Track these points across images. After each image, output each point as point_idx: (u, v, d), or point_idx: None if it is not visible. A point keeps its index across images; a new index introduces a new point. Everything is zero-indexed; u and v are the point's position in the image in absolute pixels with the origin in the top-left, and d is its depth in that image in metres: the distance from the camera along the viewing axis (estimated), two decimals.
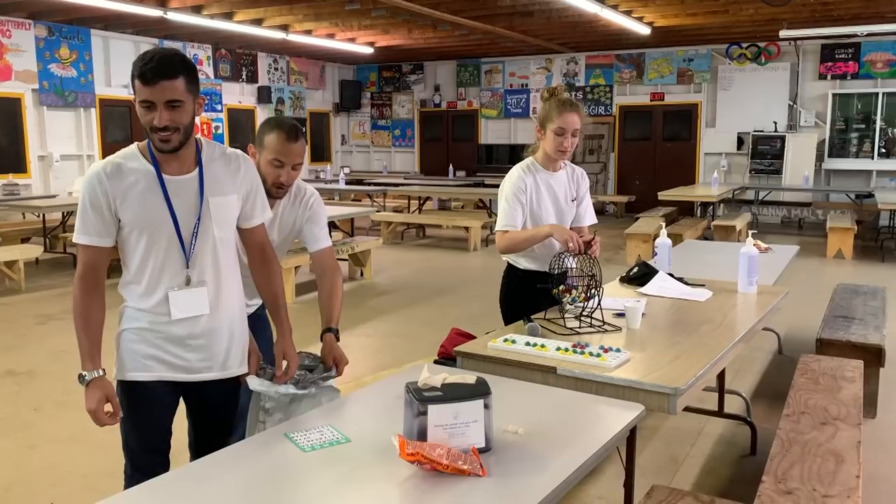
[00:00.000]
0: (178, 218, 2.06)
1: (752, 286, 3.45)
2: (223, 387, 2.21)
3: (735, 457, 3.62)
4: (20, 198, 9.59)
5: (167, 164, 2.06)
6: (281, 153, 2.41)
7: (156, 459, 2.17)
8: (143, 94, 1.95)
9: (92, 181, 2.02)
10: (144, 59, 1.95)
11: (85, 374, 2.05)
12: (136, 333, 2.10)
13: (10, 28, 10.57)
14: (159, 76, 1.93)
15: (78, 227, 2.06)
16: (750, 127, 12.86)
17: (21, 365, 5.08)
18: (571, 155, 3.17)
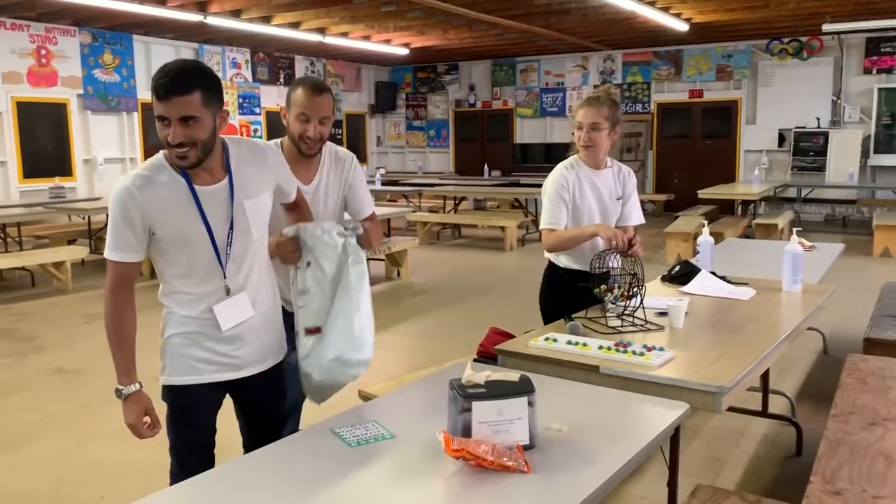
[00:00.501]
0: (213, 229, 2.04)
1: (796, 285, 3.39)
2: (268, 378, 2.25)
3: (780, 457, 3.56)
4: (66, 200, 9.83)
5: (196, 175, 2.03)
6: (306, 106, 2.45)
7: (202, 458, 2.21)
8: (158, 110, 1.91)
9: (123, 197, 1.97)
10: (160, 72, 1.91)
11: (122, 389, 2.08)
12: (185, 337, 2.11)
13: (56, 35, 10.84)
14: (172, 91, 1.88)
15: (109, 242, 2.02)
16: (791, 123, 12.62)
17: (70, 363, 5.22)
18: (610, 149, 3.18)
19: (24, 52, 10.50)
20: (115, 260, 2.03)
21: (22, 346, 5.68)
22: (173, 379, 2.14)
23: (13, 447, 3.79)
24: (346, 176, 2.67)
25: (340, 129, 15.78)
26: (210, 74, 1.97)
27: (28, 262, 7.68)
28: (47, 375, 4.97)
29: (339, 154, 2.69)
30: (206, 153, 1.98)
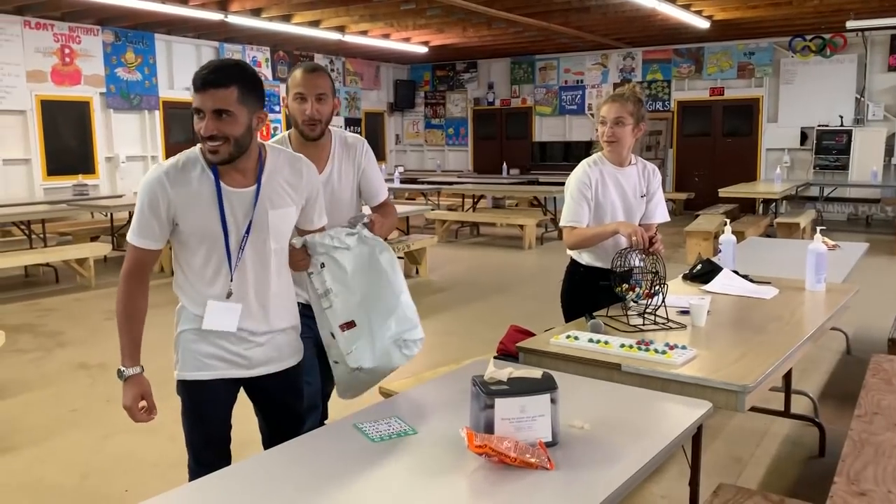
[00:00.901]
0: (229, 231, 2.05)
1: (820, 284, 3.36)
2: (281, 379, 2.25)
3: (803, 458, 3.53)
4: (89, 198, 9.95)
5: (228, 175, 2.04)
6: (301, 85, 2.47)
7: (218, 452, 2.22)
8: (195, 102, 1.95)
9: (153, 185, 2.00)
10: (203, 66, 1.96)
11: (123, 370, 2.10)
12: (196, 334, 2.12)
13: (79, 34, 10.97)
14: (209, 83, 1.91)
15: (134, 227, 2.04)
16: (814, 121, 12.49)
17: (93, 358, 5.28)
18: (633, 146, 3.17)
19: (49, 52, 10.63)
20: (136, 245, 2.05)
21: (47, 342, 5.75)
22: (185, 374, 2.16)
23: (39, 440, 3.85)
24: (358, 161, 2.67)
25: (359, 127, 15.83)
26: (251, 73, 2.00)
27: (52, 259, 7.78)
28: (71, 370, 5.04)
29: (349, 140, 2.68)
30: (238, 151, 1.99)
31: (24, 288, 7.92)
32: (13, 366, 5.12)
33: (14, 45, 10.23)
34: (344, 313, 2.22)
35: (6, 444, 3.80)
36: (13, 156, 10.43)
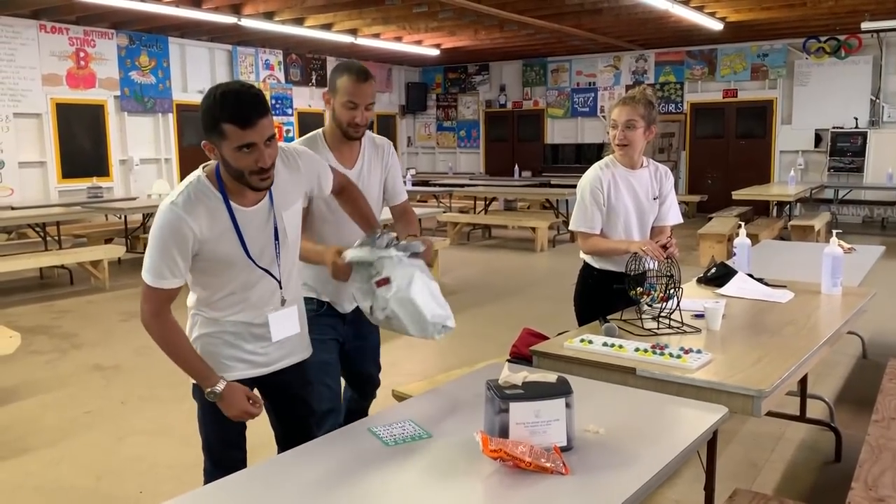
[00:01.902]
0: (249, 249, 2.04)
1: (836, 287, 3.33)
2: (294, 373, 2.29)
3: (818, 463, 3.50)
4: (103, 200, 10.02)
5: (241, 196, 2.01)
6: (354, 94, 2.51)
7: (235, 455, 2.23)
8: (242, 139, 1.86)
9: (172, 221, 1.93)
10: (233, 101, 1.86)
11: (215, 390, 2.05)
12: (214, 336, 2.13)
13: (94, 38, 11.06)
14: (257, 115, 1.87)
15: (154, 270, 1.96)
16: (828, 123, 12.40)
17: (108, 360, 5.32)
18: (645, 148, 3.17)
19: (64, 55, 10.72)
20: (164, 287, 1.98)
21: (62, 343, 5.80)
22: None
23: (54, 442, 3.87)
24: (385, 161, 2.77)
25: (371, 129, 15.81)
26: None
27: (67, 261, 7.84)
28: (86, 372, 5.07)
29: (377, 141, 2.78)
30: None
31: (39, 290, 7.98)
32: (29, 367, 5.16)
33: (30, 49, 10.32)
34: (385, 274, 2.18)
35: (22, 446, 3.82)
36: (29, 158, 10.52)
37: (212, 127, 1.89)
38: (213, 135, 1.90)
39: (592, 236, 3.16)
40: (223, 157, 1.93)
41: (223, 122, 1.86)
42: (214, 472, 2.14)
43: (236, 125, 1.85)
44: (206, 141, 1.93)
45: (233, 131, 1.86)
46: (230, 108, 1.85)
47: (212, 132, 1.90)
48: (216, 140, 1.90)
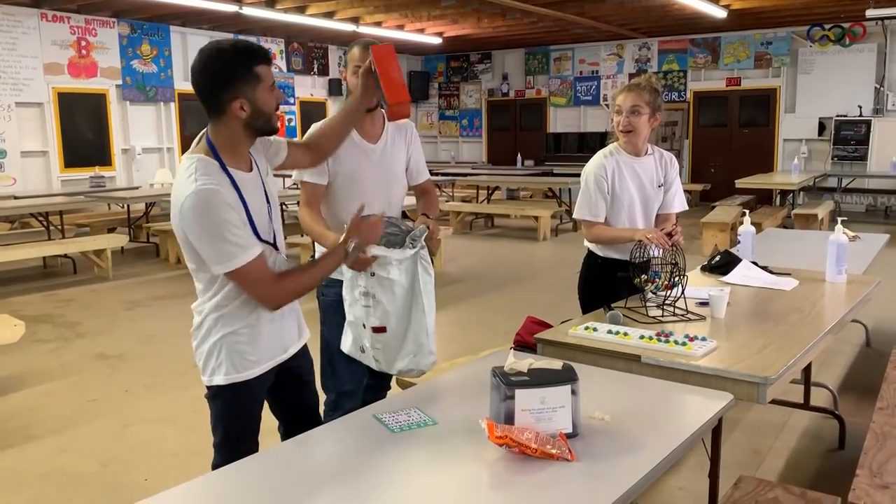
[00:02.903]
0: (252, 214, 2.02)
1: (841, 275, 3.33)
2: (303, 355, 2.31)
3: (822, 450, 3.51)
4: (106, 189, 10.01)
5: (236, 163, 2.02)
6: (359, 59, 2.62)
7: (251, 448, 2.18)
8: (270, 77, 2.00)
9: (217, 198, 1.90)
10: (247, 46, 2.00)
11: (350, 247, 2.11)
12: (237, 334, 2.08)
13: (95, 27, 11.03)
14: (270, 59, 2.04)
15: (230, 253, 1.92)
16: (832, 112, 12.35)
17: (112, 349, 5.33)
18: (649, 136, 3.16)
19: (65, 44, 10.70)
20: (252, 259, 1.95)
21: (66, 332, 5.81)
22: (236, 377, 2.10)
23: (60, 430, 3.89)
24: (408, 140, 2.84)
25: None
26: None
27: (70, 250, 7.84)
28: (90, 360, 5.09)
29: (399, 121, 2.78)
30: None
31: (42, 279, 7.99)
32: (33, 356, 5.18)
33: (31, 38, 10.30)
34: (380, 318, 2.30)
35: (28, 434, 3.84)
36: (31, 148, 10.52)
37: (244, 73, 1.94)
38: (247, 84, 1.94)
39: (597, 224, 3.16)
40: (255, 103, 1.96)
41: (257, 66, 1.95)
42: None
43: (267, 64, 1.98)
44: (236, 98, 1.94)
45: (265, 71, 1.97)
46: (256, 51, 1.97)
47: (245, 81, 1.94)
48: (250, 87, 1.95)
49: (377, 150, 2.71)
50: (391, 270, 2.27)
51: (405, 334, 2.31)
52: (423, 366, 2.34)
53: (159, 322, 6.02)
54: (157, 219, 9.73)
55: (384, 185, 2.72)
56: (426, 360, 2.33)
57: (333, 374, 2.69)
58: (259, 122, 2.01)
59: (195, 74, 1.99)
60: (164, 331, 5.73)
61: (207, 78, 1.96)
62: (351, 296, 2.37)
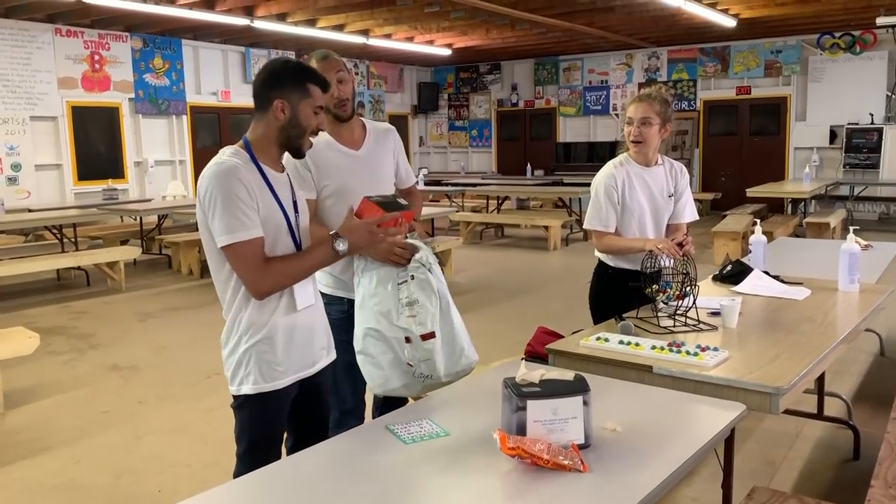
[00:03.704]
0: (286, 211, 2.12)
1: (853, 284, 3.31)
2: (327, 373, 2.33)
3: (836, 461, 3.48)
4: (118, 202, 10.09)
5: (272, 162, 2.13)
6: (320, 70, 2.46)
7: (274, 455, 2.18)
8: (321, 101, 2.13)
9: (232, 172, 1.99)
10: (311, 68, 2.15)
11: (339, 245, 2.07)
12: (269, 343, 2.10)
13: (108, 41, 11.15)
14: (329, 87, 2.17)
15: (235, 225, 1.96)
16: (843, 120, 12.31)
17: (125, 360, 5.36)
18: (659, 146, 3.17)
19: (79, 58, 10.82)
20: (251, 238, 1.99)
21: (79, 344, 5.85)
22: (264, 386, 2.11)
23: (74, 441, 3.91)
24: (394, 146, 2.84)
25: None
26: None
27: (83, 262, 7.90)
28: (104, 372, 5.12)
29: (380, 127, 2.82)
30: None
31: (56, 291, 8.05)
32: (47, 367, 5.22)
33: (45, 53, 10.42)
34: (426, 324, 2.30)
35: (42, 445, 3.87)
36: (45, 161, 10.63)
37: (298, 84, 2.07)
38: (295, 92, 2.07)
39: (607, 234, 3.16)
40: (296, 114, 2.08)
41: (311, 83, 2.09)
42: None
43: (321, 88, 2.12)
44: (279, 99, 2.06)
45: (316, 91, 2.10)
46: (315, 74, 2.12)
47: (294, 90, 2.07)
48: (297, 97, 2.07)
49: (361, 155, 2.69)
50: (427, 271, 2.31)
51: (452, 334, 2.32)
52: (473, 361, 2.35)
53: (172, 333, 6.05)
54: (169, 231, 9.80)
55: (374, 191, 2.60)
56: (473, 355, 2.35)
57: (336, 391, 2.64)
58: (293, 132, 2.10)
59: (257, 75, 2.15)
60: (176, 342, 5.76)
61: (265, 76, 2.10)
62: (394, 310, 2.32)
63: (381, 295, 2.35)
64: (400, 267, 2.32)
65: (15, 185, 10.21)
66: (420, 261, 2.34)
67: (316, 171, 2.58)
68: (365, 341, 2.38)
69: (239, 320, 2.11)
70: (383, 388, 2.40)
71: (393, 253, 2.25)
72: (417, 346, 2.29)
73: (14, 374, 4.84)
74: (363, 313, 2.37)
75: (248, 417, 2.15)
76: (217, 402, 4.30)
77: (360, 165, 2.67)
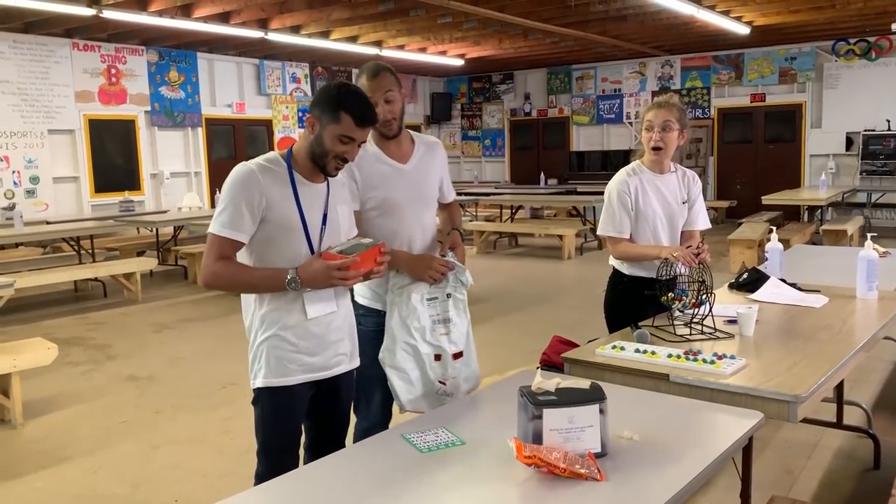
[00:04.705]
0: (307, 222, 2.19)
1: (872, 292, 3.28)
2: (347, 380, 2.38)
3: (857, 471, 3.44)
4: (135, 214, 10.17)
5: (307, 172, 2.22)
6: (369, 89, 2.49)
7: (291, 460, 2.28)
8: (351, 132, 2.13)
9: (248, 178, 2.12)
10: (359, 99, 2.16)
11: (289, 279, 2.12)
12: (280, 339, 2.20)
13: (125, 55, 11.28)
14: (371, 123, 2.18)
15: (224, 221, 2.12)
16: (860, 126, 12.23)
17: (141, 370, 5.39)
18: (673, 154, 3.16)
19: (96, 72, 10.94)
20: (225, 236, 2.12)
21: (96, 354, 5.89)
22: (273, 380, 2.21)
23: (92, 451, 3.94)
24: (439, 160, 2.78)
25: None
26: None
27: (100, 274, 7.97)
28: (121, 382, 5.15)
29: (426, 140, 2.78)
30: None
31: (73, 302, 8.13)
32: (65, 378, 5.26)
33: (63, 67, 10.55)
34: (458, 343, 2.43)
35: (60, 455, 3.89)
36: (63, 174, 10.74)
37: (331, 109, 2.13)
38: (327, 115, 2.13)
39: (622, 241, 3.15)
40: (322, 135, 2.15)
41: (344, 112, 2.12)
42: (267, 477, 2.14)
43: (354, 120, 2.12)
44: (313, 115, 2.16)
45: (348, 122, 2.12)
46: (358, 106, 2.14)
47: (328, 113, 2.13)
48: (327, 120, 2.13)
49: (408, 169, 2.63)
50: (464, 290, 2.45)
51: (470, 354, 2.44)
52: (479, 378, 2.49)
53: (188, 344, 6.09)
54: (185, 242, 9.87)
55: (419, 206, 2.64)
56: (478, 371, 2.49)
57: (368, 405, 2.64)
58: (317, 150, 2.17)
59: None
60: (192, 353, 5.79)
61: (317, 93, 2.22)
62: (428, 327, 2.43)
63: (418, 311, 2.40)
64: (436, 284, 2.41)
65: (33, 198, 10.33)
66: (460, 279, 2.47)
67: (361, 182, 2.53)
68: (398, 355, 2.43)
69: (254, 317, 2.23)
70: (411, 405, 2.45)
71: (433, 269, 2.38)
72: (446, 365, 2.33)
73: (33, 384, 4.88)
74: (397, 327, 2.41)
75: (261, 412, 2.25)
76: (233, 412, 4.31)
77: (405, 179, 2.60)
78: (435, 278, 2.46)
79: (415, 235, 2.60)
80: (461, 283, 2.50)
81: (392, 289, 2.48)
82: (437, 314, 2.44)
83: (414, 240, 2.59)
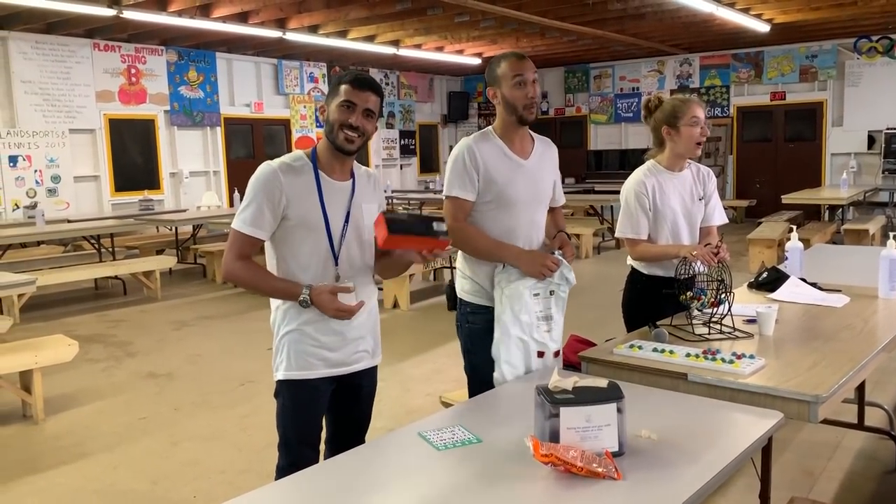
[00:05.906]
0: (329, 219, 2.23)
1: (894, 291, 3.24)
2: (368, 377, 2.41)
3: (878, 472, 3.40)
4: (154, 212, 10.27)
5: (332, 169, 2.27)
6: (520, 68, 2.57)
7: (311, 453, 2.32)
8: (348, 95, 2.20)
9: (270, 177, 2.19)
10: (354, 73, 2.26)
11: (302, 297, 2.17)
12: (301, 333, 2.25)
13: (145, 55, 11.37)
14: (367, 86, 2.23)
15: (246, 217, 2.19)
16: (882, 124, 12.07)
17: (161, 368, 5.44)
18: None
19: (116, 72, 11.05)
20: (246, 233, 2.20)
21: (116, 352, 5.95)
22: (294, 373, 2.27)
23: (112, 447, 3.98)
24: (553, 161, 2.81)
25: (413, 139, 15.98)
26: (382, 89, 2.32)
27: (120, 272, 8.05)
28: (140, 379, 5.20)
29: (543, 139, 2.80)
30: (361, 146, 2.27)
31: (94, 300, 8.21)
32: (86, 375, 5.32)
33: (84, 67, 10.66)
34: (557, 341, 2.47)
35: (81, 451, 3.94)
36: (83, 173, 10.85)
37: (333, 88, 2.25)
38: (331, 95, 2.25)
39: (640, 242, 3.14)
40: (329, 112, 2.24)
41: (342, 83, 2.23)
42: (289, 470, 2.17)
43: (351, 85, 2.22)
44: (324, 105, 2.28)
45: (346, 88, 2.21)
46: (353, 74, 2.25)
47: (331, 93, 2.25)
48: (331, 98, 2.24)
49: (528, 165, 2.62)
50: (568, 289, 2.46)
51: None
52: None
53: (206, 341, 6.13)
54: (203, 240, 9.94)
55: (534, 203, 2.64)
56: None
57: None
58: (327, 129, 2.25)
59: None
60: (211, 350, 5.83)
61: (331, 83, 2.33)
62: (534, 323, 2.45)
63: (528, 307, 2.41)
64: (542, 280, 2.44)
65: (54, 197, 10.44)
66: (566, 276, 2.49)
67: (484, 172, 2.54)
68: (510, 351, 2.44)
69: (277, 310, 2.29)
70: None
71: (546, 266, 2.42)
72: (547, 362, 2.35)
73: (54, 380, 4.94)
74: (511, 322, 2.42)
75: (281, 405, 2.30)
76: (251, 409, 4.34)
77: (525, 175, 2.60)
78: (546, 275, 2.46)
79: (532, 234, 2.63)
80: (566, 280, 2.51)
81: (499, 283, 2.49)
82: (540, 310, 2.45)
83: (532, 238, 2.62)
